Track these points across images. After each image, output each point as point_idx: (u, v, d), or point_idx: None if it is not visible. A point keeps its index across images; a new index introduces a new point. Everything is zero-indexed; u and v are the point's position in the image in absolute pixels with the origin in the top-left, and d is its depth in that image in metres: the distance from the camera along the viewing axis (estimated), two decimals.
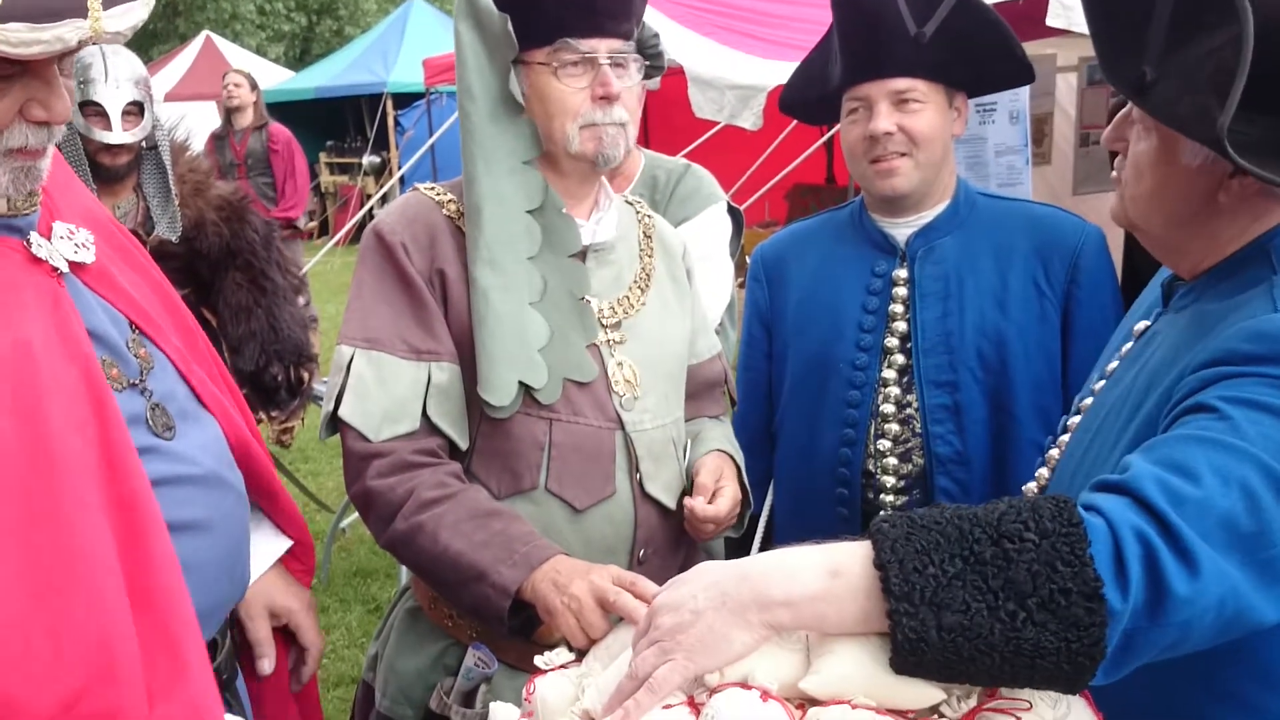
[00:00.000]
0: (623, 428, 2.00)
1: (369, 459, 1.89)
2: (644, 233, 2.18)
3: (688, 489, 2.08)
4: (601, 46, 1.91)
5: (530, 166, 1.96)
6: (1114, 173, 1.63)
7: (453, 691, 1.96)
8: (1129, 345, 1.71)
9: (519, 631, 1.82)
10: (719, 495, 2.03)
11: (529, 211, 1.95)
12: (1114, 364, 1.73)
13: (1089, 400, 1.74)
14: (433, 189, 2.05)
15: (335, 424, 1.93)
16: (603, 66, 1.91)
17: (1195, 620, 1.19)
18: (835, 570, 1.24)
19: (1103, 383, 1.73)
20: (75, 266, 1.49)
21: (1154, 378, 1.52)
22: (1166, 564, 1.17)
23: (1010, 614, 1.16)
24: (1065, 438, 1.76)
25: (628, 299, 2.08)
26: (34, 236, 1.43)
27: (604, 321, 2.02)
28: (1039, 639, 1.15)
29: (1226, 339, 1.39)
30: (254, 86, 8.74)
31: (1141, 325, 1.71)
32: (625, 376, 2.01)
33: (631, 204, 2.23)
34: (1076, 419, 1.75)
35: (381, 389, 1.89)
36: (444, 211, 2.00)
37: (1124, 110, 1.59)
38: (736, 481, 2.10)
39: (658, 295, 2.13)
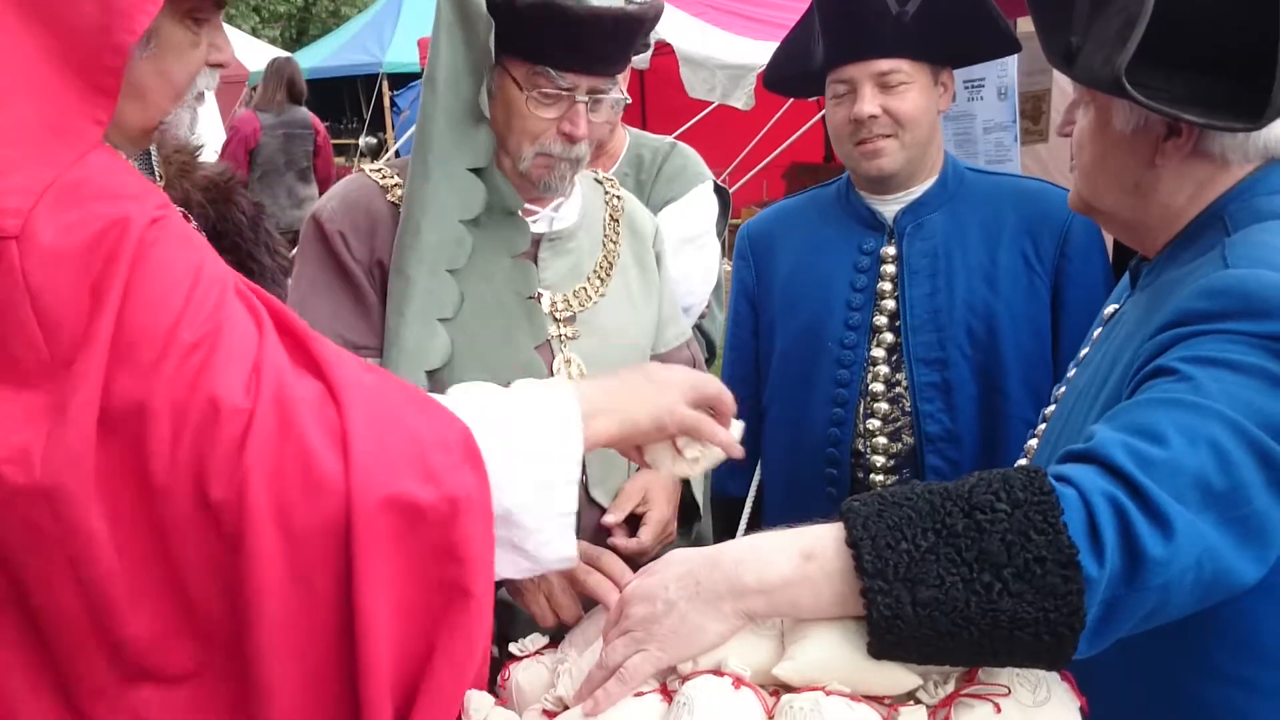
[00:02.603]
0: None
1: None
2: (611, 215, 2.12)
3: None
4: (582, 84, 1.81)
5: (474, 175, 1.87)
6: (1071, 161, 1.63)
7: None
8: (1099, 330, 1.71)
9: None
10: (643, 524, 1.94)
11: (464, 221, 1.87)
12: (1086, 349, 1.72)
13: (1062, 389, 1.73)
14: (379, 170, 1.98)
15: None
16: (578, 104, 1.82)
17: (1174, 583, 1.18)
18: (808, 553, 1.23)
19: (1075, 370, 1.73)
20: None
21: (1118, 354, 1.52)
22: (1140, 527, 1.16)
23: (986, 585, 1.15)
24: (1042, 427, 1.75)
25: (585, 290, 2.01)
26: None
27: (556, 315, 1.96)
28: (1016, 610, 1.14)
29: (1182, 300, 1.38)
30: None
31: (1111, 309, 1.71)
32: (571, 374, 1.94)
33: (601, 182, 2.16)
34: (1053, 409, 1.74)
35: None
36: (388, 198, 1.93)
37: (1074, 96, 1.60)
38: (667, 501, 2.00)
39: (620, 284, 2.06)
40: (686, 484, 2.09)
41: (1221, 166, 1.49)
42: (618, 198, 2.16)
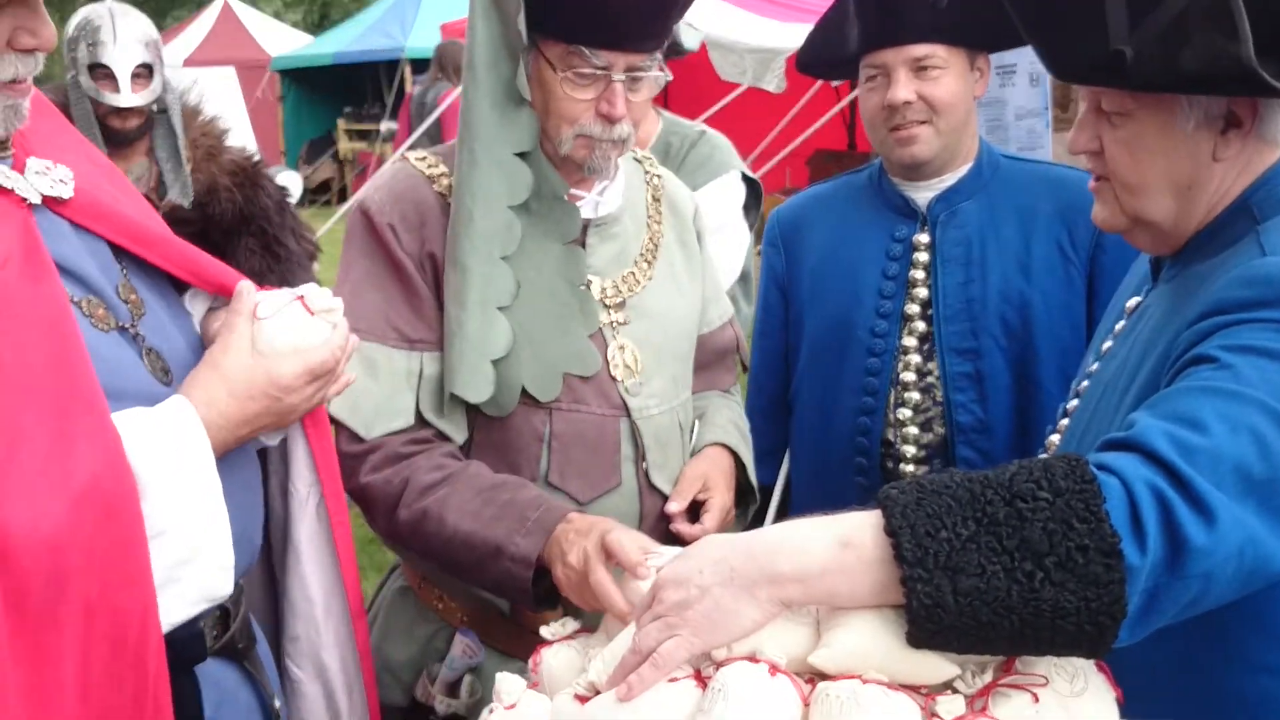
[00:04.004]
0: (628, 414, 1.92)
1: (362, 456, 1.82)
2: (652, 196, 2.09)
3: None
4: (619, 61, 1.77)
5: (520, 160, 1.85)
6: (1092, 182, 1.59)
7: (437, 680, 1.92)
8: (1122, 323, 1.69)
9: (547, 599, 1.76)
10: (705, 511, 1.93)
11: (512, 207, 1.85)
12: (1108, 343, 1.70)
13: (1085, 384, 1.71)
14: (424, 159, 1.95)
15: None
16: (615, 83, 1.78)
17: (1216, 571, 1.18)
18: (845, 541, 1.22)
19: (1097, 364, 1.70)
20: (54, 203, 1.46)
21: (1148, 346, 1.51)
22: (1182, 516, 1.16)
23: (1028, 574, 1.14)
24: (1065, 422, 1.73)
25: (633, 275, 1.99)
26: (1, 168, 1.41)
27: (606, 302, 1.94)
28: (1058, 599, 1.14)
29: (1220, 289, 1.37)
30: None
31: (1133, 301, 1.69)
32: (625, 361, 1.92)
33: (640, 161, 2.13)
34: (1075, 403, 1.73)
35: (373, 382, 1.81)
36: (435, 188, 1.90)
37: (1084, 112, 1.56)
38: (727, 487, 2.00)
39: (666, 266, 2.04)
40: (741, 467, 2.09)
41: (1270, 150, 1.48)
42: (658, 177, 2.13)
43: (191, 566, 1.41)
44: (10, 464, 1.24)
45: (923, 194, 2.34)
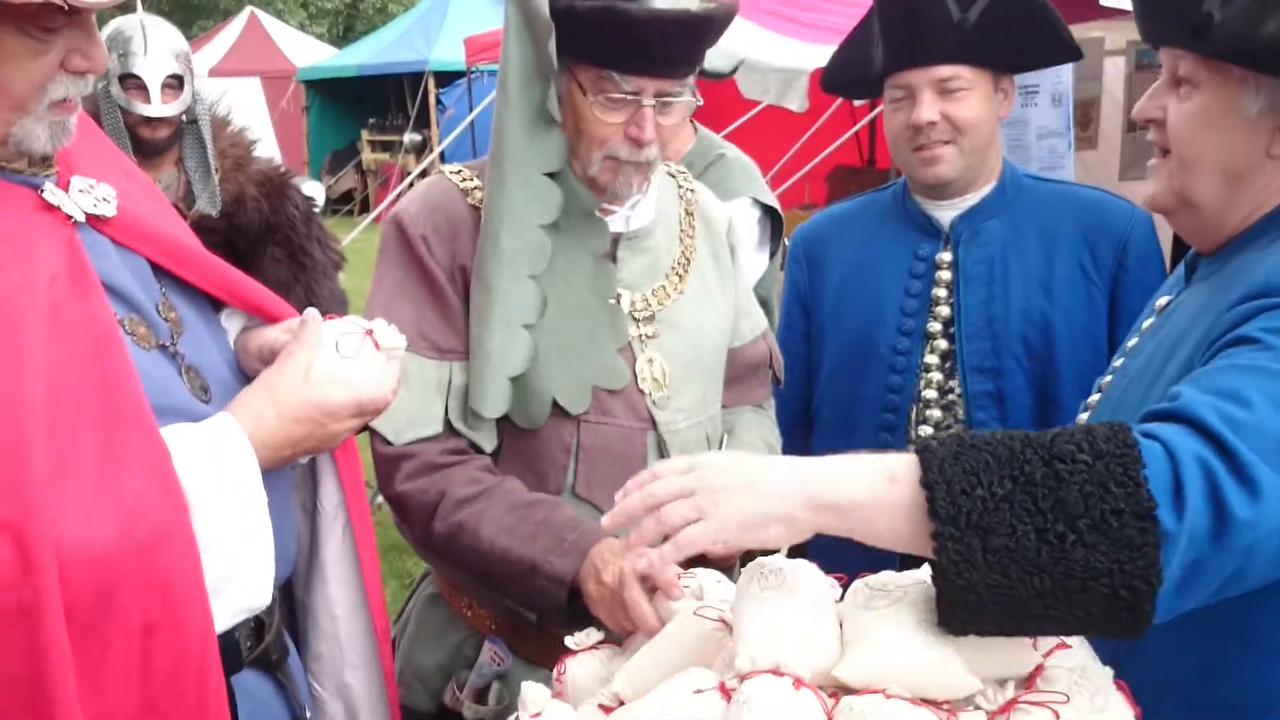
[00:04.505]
0: (655, 428, 1.93)
1: (397, 461, 1.85)
2: (685, 209, 2.10)
3: None
4: (649, 87, 1.78)
5: (550, 180, 1.86)
6: (1153, 158, 1.60)
7: (465, 687, 1.93)
8: (1150, 320, 1.69)
9: (580, 617, 1.74)
10: None
11: (543, 226, 1.86)
12: (1134, 340, 1.71)
13: (1108, 378, 1.72)
14: (459, 173, 1.97)
15: None
16: (644, 108, 1.79)
17: (1259, 545, 1.17)
18: (892, 476, 1.21)
19: (1122, 360, 1.71)
20: (97, 221, 1.48)
21: (1180, 337, 1.51)
22: (1227, 487, 1.16)
23: (1059, 535, 1.14)
24: (1084, 416, 1.73)
25: (664, 288, 2.00)
26: (48, 186, 1.43)
27: (636, 315, 1.95)
28: (1089, 560, 1.13)
29: (1265, 272, 1.37)
30: None
31: (1164, 300, 1.69)
32: (653, 374, 1.93)
33: (674, 175, 2.14)
34: (1096, 397, 1.73)
35: (405, 391, 1.81)
36: (469, 201, 1.92)
37: (1158, 84, 1.57)
38: None
39: (698, 280, 2.05)
40: None
41: None
42: (691, 190, 2.14)
43: (233, 582, 1.43)
44: (63, 480, 1.26)
45: (946, 213, 2.35)
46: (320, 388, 1.52)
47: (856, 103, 6.91)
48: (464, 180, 1.95)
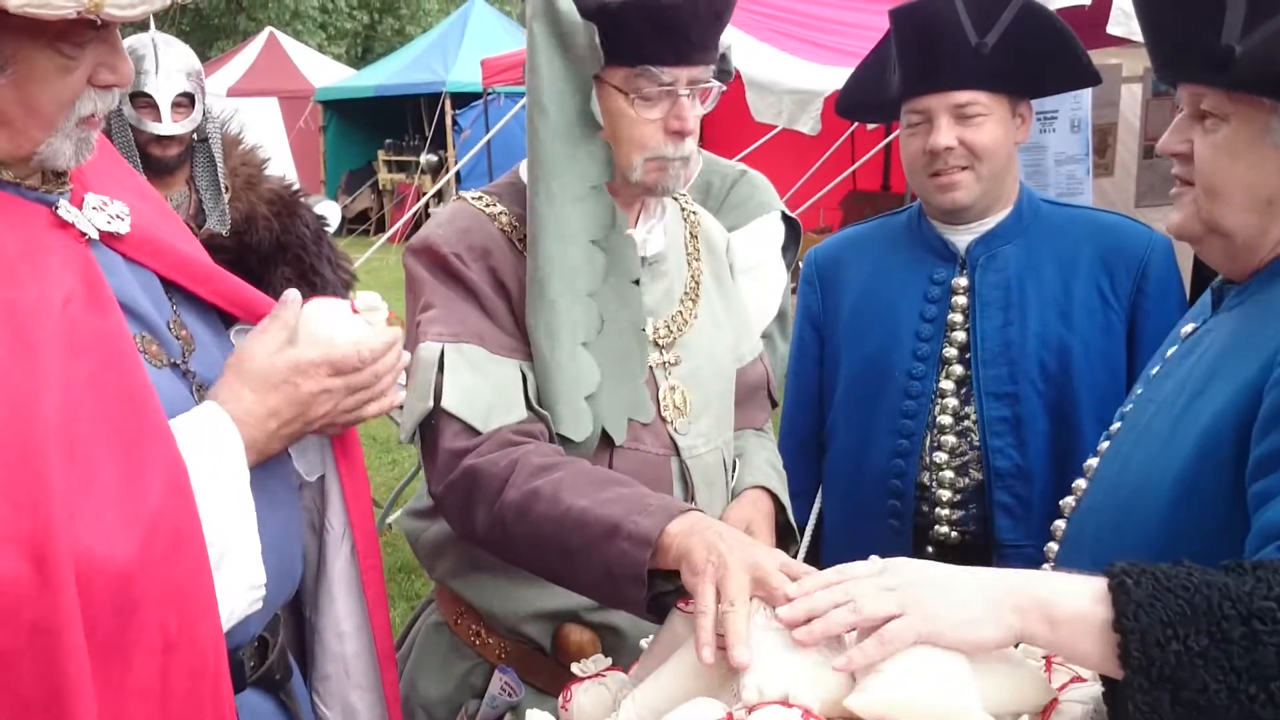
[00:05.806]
0: (678, 454, 1.91)
1: (469, 450, 1.75)
2: (690, 232, 2.08)
3: None
4: (683, 76, 1.79)
5: (599, 191, 1.84)
6: (1175, 187, 1.58)
7: (476, 718, 1.89)
8: (1174, 349, 1.67)
9: (651, 608, 1.60)
10: None
11: (594, 241, 1.84)
12: (1158, 368, 1.68)
13: (1130, 407, 1.69)
14: (480, 199, 1.93)
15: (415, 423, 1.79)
16: (681, 98, 1.80)
17: None
18: (1100, 598, 1.19)
19: (1143, 389, 1.68)
20: (110, 238, 1.48)
21: (1216, 365, 1.49)
22: None
23: (1250, 696, 1.12)
24: (1105, 445, 1.71)
25: (680, 314, 1.98)
26: (62, 203, 1.43)
27: (658, 342, 1.93)
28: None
29: None
30: None
31: (1189, 328, 1.67)
32: (675, 402, 1.91)
33: (677, 199, 2.12)
34: (1118, 425, 1.70)
35: (482, 379, 1.77)
36: (496, 225, 1.89)
37: (1180, 117, 1.55)
38: (769, 531, 1.99)
39: (707, 305, 2.03)
40: (781, 508, 2.07)
41: None
42: (694, 213, 2.13)
43: (222, 570, 1.41)
44: (87, 496, 1.25)
45: (962, 237, 2.33)
46: (293, 350, 1.52)
47: (870, 126, 6.91)
48: (487, 205, 1.92)
